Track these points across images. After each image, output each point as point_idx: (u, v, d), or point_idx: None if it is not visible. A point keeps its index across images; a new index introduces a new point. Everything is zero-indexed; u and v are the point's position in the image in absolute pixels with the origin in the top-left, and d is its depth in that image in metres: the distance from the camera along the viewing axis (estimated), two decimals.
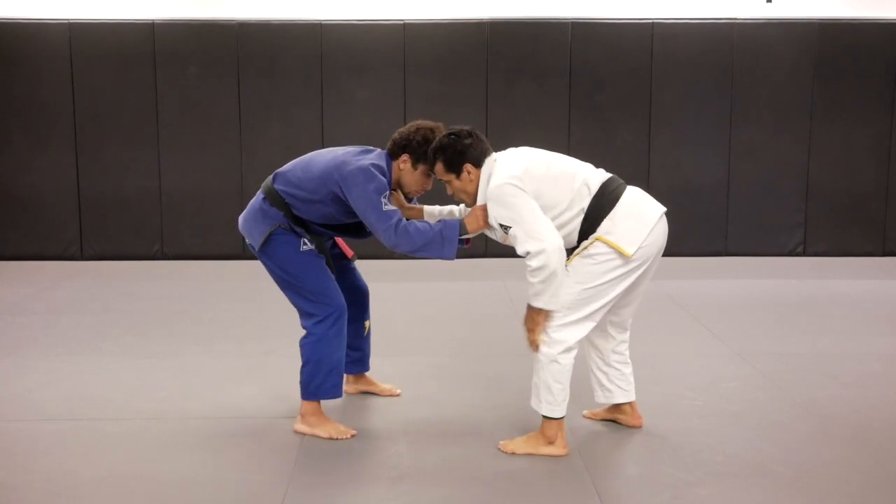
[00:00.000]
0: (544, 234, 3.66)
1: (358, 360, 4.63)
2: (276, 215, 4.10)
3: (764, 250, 9.22)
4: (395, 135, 4.16)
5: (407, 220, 3.96)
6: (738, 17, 9.03)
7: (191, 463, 3.82)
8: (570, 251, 3.84)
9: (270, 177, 4.20)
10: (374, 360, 4.72)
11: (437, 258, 3.91)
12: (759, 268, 8.61)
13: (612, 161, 9.04)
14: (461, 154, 3.90)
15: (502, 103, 9.02)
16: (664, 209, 3.91)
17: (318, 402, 4.17)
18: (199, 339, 5.93)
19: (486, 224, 3.87)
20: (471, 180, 3.93)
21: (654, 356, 5.48)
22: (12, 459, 3.86)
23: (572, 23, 8.95)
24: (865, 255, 9.22)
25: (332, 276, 4.19)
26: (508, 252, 9.24)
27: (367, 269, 4.85)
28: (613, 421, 4.28)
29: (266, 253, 4.12)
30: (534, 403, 3.90)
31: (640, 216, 3.79)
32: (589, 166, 3.95)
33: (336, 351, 4.17)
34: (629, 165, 9.11)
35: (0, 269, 8.52)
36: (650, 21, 8.97)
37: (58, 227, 9.03)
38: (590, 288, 3.76)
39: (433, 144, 4.00)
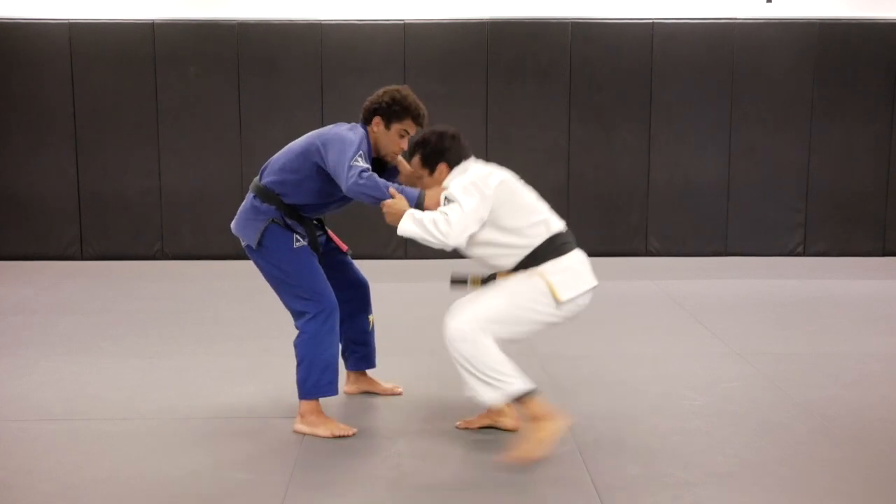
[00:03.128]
0: (458, 231, 3.70)
1: (364, 356, 4.64)
2: (269, 210, 4.13)
3: (764, 250, 9.22)
4: (365, 102, 4.25)
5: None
6: (738, 17, 9.03)
7: (191, 463, 3.82)
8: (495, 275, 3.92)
9: (256, 177, 4.26)
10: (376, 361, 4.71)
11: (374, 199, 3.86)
12: (759, 268, 8.61)
13: (612, 161, 9.10)
14: (439, 153, 3.96)
15: (502, 103, 9.03)
16: (596, 283, 3.95)
17: (317, 401, 4.17)
18: (199, 339, 5.93)
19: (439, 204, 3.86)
20: (439, 181, 3.98)
21: (655, 356, 5.48)
22: (12, 459, 3.86)
23: (572, 23, 8.95)
24: (865, 255, 9.22)
25: (324, 275, 4.20)
26: None
27: (368, 270, 4.84)
28: (491, 427, 4.16)
29: (261, 251, 4.14)
30: (487, 398, 3.75)
31: (580, 276, 3.87)
32: (551, 211, 4.01)
33: (329, 348, 4.17)
34: (629, 165, 9.12)
35: (0, 269, 8.52)
36: (650, 21, 8.97)
37: (58, 227, 9.03)
38: (518, 307, 3.75)
39: (415, 138, 4.07)
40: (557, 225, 3.94)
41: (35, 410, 4.51)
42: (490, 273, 3.97)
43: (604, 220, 9.19)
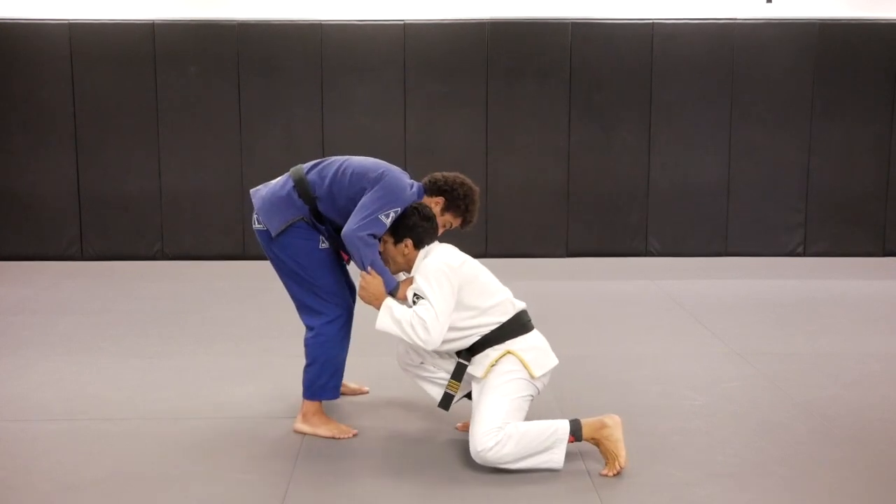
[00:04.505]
0: (435, 330, 3.73)
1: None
2: (302, 207, 4.05)
3: (764, 250, 9.22)
4: (439, 176, 4.18)
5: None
6: (738, 17, 9.03)
7: (190, 463, 3.82)
8: (462, 353, 3.92)
9: (302, 166, 4.14)
10: (375, 361, 4.72)
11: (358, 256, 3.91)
12: (759, 268, 8.61)
13: (612, 161, 9.10)
14: (410, 229, 3.98)
15: (502, 103, 9.03)
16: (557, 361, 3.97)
17: (320, 401, 4.17)
18: (199, 339, 5.93)
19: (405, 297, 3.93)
20: (403, 254, 3.99)
21: (655, 356, 5.48)
22: (12, 459, 3.86)
23: (572, 23, 8.95)
24: (865, 255, 9.22)
25: (344, 279, 4.19)
26: (508, 252, 9.28)
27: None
28: None
29: (281, 242, 4.06)
30: (559, 459, 3.71)
31: (547, 353, 3.92)
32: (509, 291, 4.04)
33: (341, 352, 4.18)
34: (629, 165, 9.12)
35: (0, 269, 8.52)
36: (650, 21, 8.97)
37: (58, 227, 9.03)
38: (514, 399, 3.77)
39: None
40: (519, 304, 4.01)
41: (35, 410, 4.51)
42: (455, 364, 3.97)
43: (604, 220, 9.19)
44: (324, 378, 4.13)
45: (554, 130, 9.07)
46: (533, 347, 3.88)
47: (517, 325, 3.91)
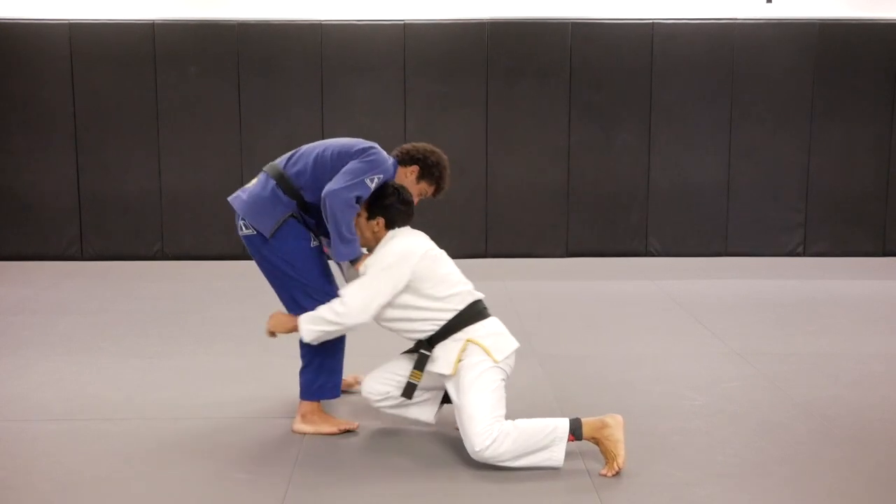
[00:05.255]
0: (357, 308, 3.83)
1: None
2: (290, 203, 4.06)
3: (764, 250, 9.22)
4: (409, 146, 4.25)
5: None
6: (738, 17, 9.03)
7: (190, 463, 3.82)
8: (423, 342, 3.95)
9: (276, 162, 4.16)
10: (376, 360, 4.70)
11: (332, 244, 3.96)
12: (759, 268, 8.61)
13: (611, 161, 9.10)
14: (385, 208, 4.04)
15: (502, 103, 9.03)
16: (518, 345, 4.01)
17: (318, 400, 4.17)
18: (198, 339, 5.93)
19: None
20: (373, 231, 4.05)
21: (655, 356, 5.48)
22: (12, 459, 3.86)
23: (572, 23, 8.95)
24: (865, 255, 9.22)
25: (333, 276, 4.19)
26: (508, 252, 9.28)
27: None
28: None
29: (273, 244, 4.05)
30: (559, 456, 3.71)
31: (506, 336, 3.95)
32: (468, 282, 4.08)
33: (338, 352, 4.17)
34: (629, 165, 9.12)
35: (0, 269, 8.52)
36: (650, 21, 8.97)
37: (58, 227, 9.03)
38: (493, 390, 3.79)
39: (380, 185, 4.05)
40: (477, 294, 4.04)
41: (35, 410, 4.51)
42: (417, 353, 3.97)
43: (604, 220, 9.19)
44: (321, 379, 4.13)
45: (554, 130, 9.07)
46: (491, 333, 3.91)
47: (474, 313, 3.94)
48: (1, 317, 6.58)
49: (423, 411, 4.12)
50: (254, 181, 4.21)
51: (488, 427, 3.67)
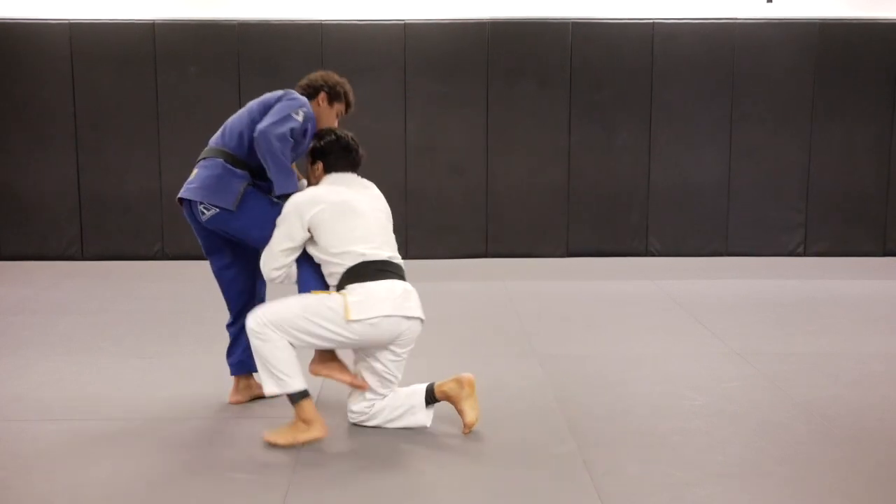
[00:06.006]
0: (265, 255, 4.14)
1: (242, 360, 4.60)
2: (244, 174, 4.24)
3: (764, 250, 9.22)
4: (304, 81, 4.45)
5: None
6: (739, 17, 9.03)
7: (191, 463, 3.82)
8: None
9: (213, 144, 4.36)
10: None
11: (271, 177, 4.10)
12: (759, 268, 8.61)
13: (612, 161, 9.11)
14: (324, 153, 4.21)
15: (503, 103, 9.03)
16: (412, 314, 4.06)
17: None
18: (199, 338, 5.93)
19: None
20: (315, 175, 4.25)
21: (655, 356, 5.48)
22: (13, 459, 3.86)
23: (573, 23, 8.95)
24: (866, 255, 9.22)
25: None
26: (508, 252, 9.27)
27: None
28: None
29: (238, 214, 4.23)
30: (267, 390, 3.98)
31: (380, 302, 3.95)
32: (385, 241, 4.15)
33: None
34: (629, 165, 9.12)
35: (0, 269, 8.52)
36: (650, 21, 8.97)
37: (58, 227, 9.03)
38: (308, 320, 3.91)
39: (328, 129, 4.29)
40: (381, 254, 4.07)
41: (35, 410, 4.51)
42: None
43: (604, 220, 9.19)
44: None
45: (554, 130, 9.07)
46: (366, 295, 3.93)
47: (362, 272, 3.98)
48: (1, 317, 6.58)
49: (416, 418, 4.16)
50: (195, 172, 4.38)
51: (259, 323, 3.90)
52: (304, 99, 4.26)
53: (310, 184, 4.29)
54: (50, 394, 4.75)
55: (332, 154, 4.19)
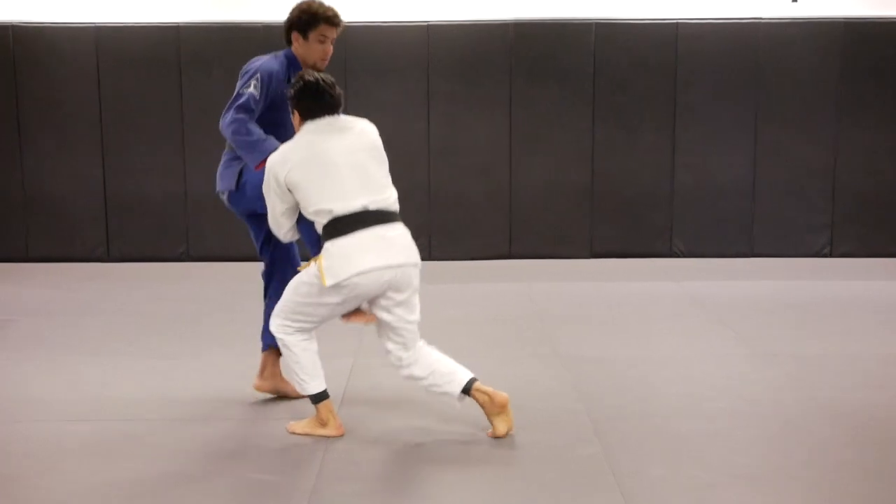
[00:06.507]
0: (273, 224, 4.19)
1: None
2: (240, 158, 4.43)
3: (790, 251, 9.15)
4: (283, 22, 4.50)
5: None
6: (763, 16, 8.97)
7: (215, 464, 3.84)
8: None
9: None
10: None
11: (243, 156, 4.34)
12: (784, 269, 8.55)
13: (635, 162, 9.07)
14: (295, 100, 4.10)
15: (526, 105, 9.01)
16: (395, 262, 3.94)
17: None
18: (223, 340, 5.96)
19: None
20: (297, 123, 4.16)
21: (678, 357, 5.46)
22: (38, 460, 3.90)
23: (596, 23, 8.93)
24: (893, 255, 9.13)
25: None
26: (531, 254, 9.24)
27: None
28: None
29: (242, 189, 4.49)
30: (299, 390, 4.21)
31: (351, 261, 3.88)
32: (364, 186, 4.02)
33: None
34: (653, 166, 9.08)
35: (27, 271, 8.60)
36: (674, 21, 8.93)
37: (84, 230, 9.10)
38: (300, 303, 4.01)
39: (302, 75, 4.19)
40: (354, 206, 3.94)
41: (61, 411, 4.55)
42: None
43: (628, 222, 9.16)
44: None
45: (577, 131, 9.04)
46: (339, 255, 3.89)
47: (336, 228, 3.92)
48: (28, 318, 6.64)
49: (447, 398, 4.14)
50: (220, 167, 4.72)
51: (279, 331, 4.06)
52: (258, 63, 4.34)
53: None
54: (75, 395, 4.79)
55: (302, 101, 4.06)
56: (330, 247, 3.91)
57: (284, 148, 4.03)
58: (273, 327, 4.10)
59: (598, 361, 5.38)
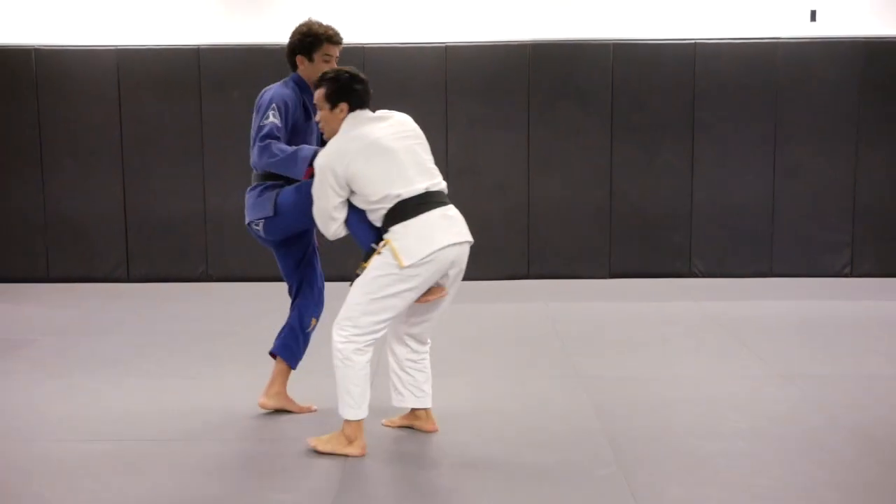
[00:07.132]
0: (318, 218, 4.15)
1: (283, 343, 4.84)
2: (276, 184, 4.44)
3: (810, 271, 9.11)
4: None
5: None
6: (782, 36, 8.97)
7: (235, 484, 3.85)
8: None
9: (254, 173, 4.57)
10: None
11: (287, 174, 4.31)
12: (804, 289, 8.50)
13: (654, 181, 9.06)
14: (346, 92, 4.11)
15: (544, 125, 9.03)
16: (460, 240, 4.09)
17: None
18: (243, 360, 5.97)
19: None
20: (339, 119, 4.14)
21: (698, 377, 5.44)
22: (60, 479, 3.92)
23: (614, 44, 8.95)
24: None
25: None
26: (550, 274, 9.22)
27: None
28: (410, 427, 4.47)
29: (280, 212, 4.41)
30: (340, 410, 4.10)
31: (426, 238, 3.97)
32: (420, 170, 4.12)
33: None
34: (671, 187, 9.07)
35: (48, 291, 8.66)
36: (692, 42, 8.94)
37: (105, 250, 9.16)
38: (375, 299, 3.97)
39: (330, 71, 4.21)
40: (418, 188, 4.05)
41: (81, 430, 4.57)
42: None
43: (646, 241, 9.14)
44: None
45: (596, 151, 9.05)
46: (409, 235, 3.95)
47: (399, 213, 3.98)
48: (50, 338, 6.68)
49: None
50: (247, 197, 4.71)
51: (344, 322, 3.99)
52: (269, 93, 4.42)
53: (328, 133, 4.20)
54: (95, 414, 4.81)
55: (355, 91, 4.13)
56: (400, 229, 3.97)
57: (336, 142, 4.07)
58: (339, 340, 4.01)
59: (617, 381, 5.36)
